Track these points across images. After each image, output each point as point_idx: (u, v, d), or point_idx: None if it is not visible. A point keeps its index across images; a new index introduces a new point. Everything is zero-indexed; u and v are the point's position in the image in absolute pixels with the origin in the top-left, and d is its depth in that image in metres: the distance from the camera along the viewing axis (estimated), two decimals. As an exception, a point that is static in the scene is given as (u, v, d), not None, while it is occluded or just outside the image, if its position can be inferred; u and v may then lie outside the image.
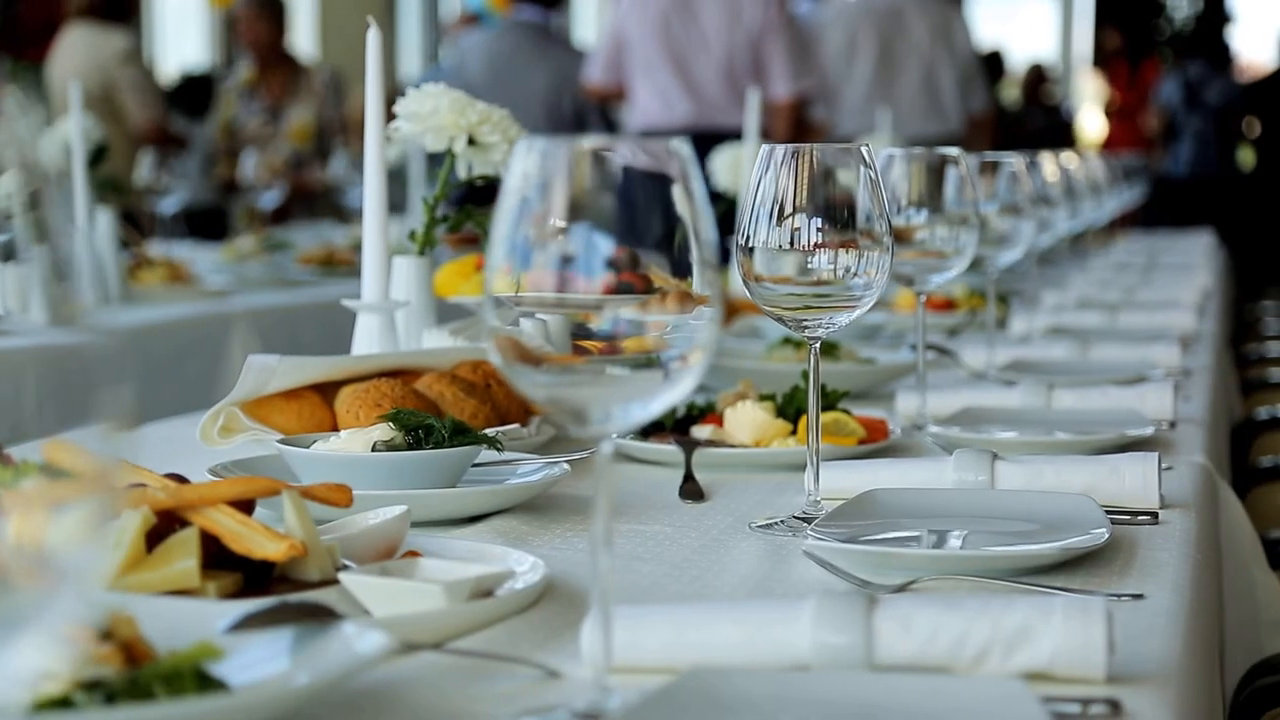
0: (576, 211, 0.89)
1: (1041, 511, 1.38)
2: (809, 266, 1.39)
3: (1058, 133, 12.68)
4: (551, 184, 0.88)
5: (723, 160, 3.51)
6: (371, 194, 1.78)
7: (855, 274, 1.40)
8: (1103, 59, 15.20)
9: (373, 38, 1.78)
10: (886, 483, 1.49)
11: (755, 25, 5.97)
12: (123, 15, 6.55)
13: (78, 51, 6.27)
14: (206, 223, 6.33)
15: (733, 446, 1.72)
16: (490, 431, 1.61)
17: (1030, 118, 13.17)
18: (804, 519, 1.40)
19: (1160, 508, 1.45)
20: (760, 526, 1.41)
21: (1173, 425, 1.91)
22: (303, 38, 12.79)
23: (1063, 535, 1.30)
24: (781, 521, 1.42)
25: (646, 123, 5.97)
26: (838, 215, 1.39)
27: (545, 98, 6.33)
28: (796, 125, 6.26)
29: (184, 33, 11.38)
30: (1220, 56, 13.01)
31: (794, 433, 1.73)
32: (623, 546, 1.34)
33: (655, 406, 0.90)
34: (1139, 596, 1.17)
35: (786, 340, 2.32)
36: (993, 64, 13.38)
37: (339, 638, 0.90)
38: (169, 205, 4.69)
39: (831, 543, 1.25)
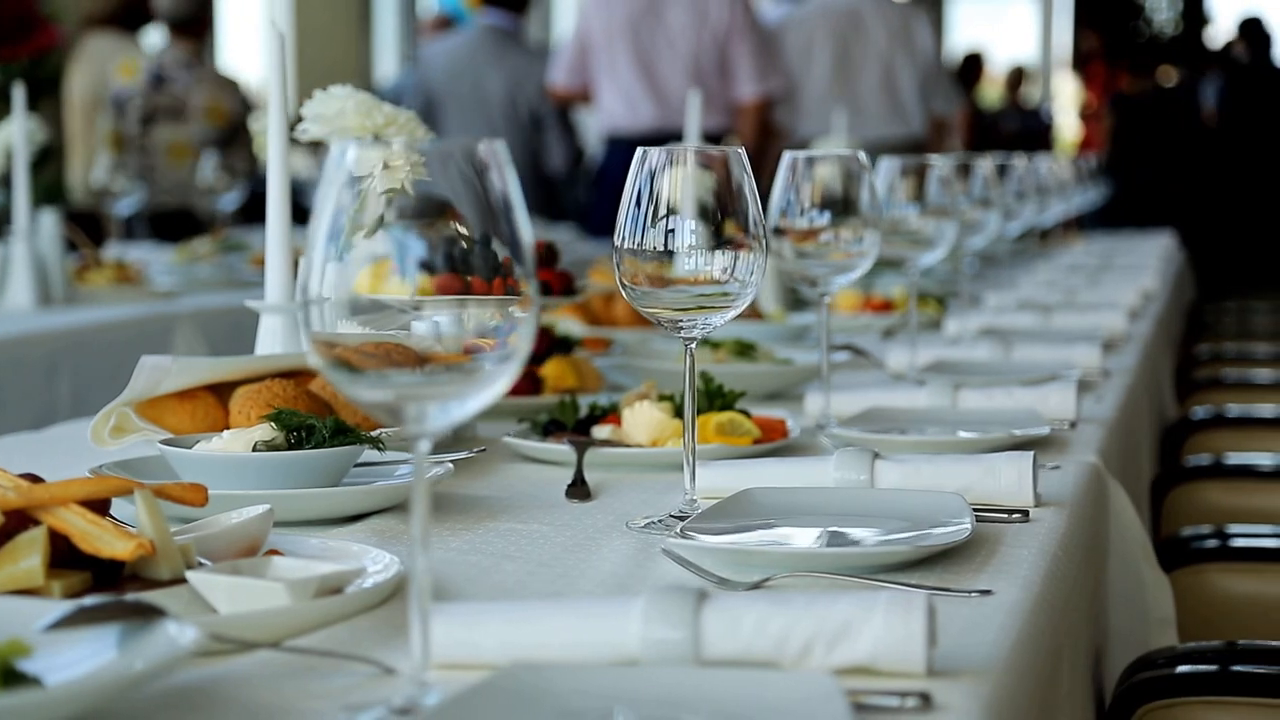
0: (393, 213, 0.90)
1: (912, 510, 1.40)
2: (684, 268, 1.40)
3: (1035, 135, 12.73)
4: (360, 184, 0.90)
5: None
6: (275, 197, 1.80)
7: (732, 275, 1.41)
8: (1081, 61, 15.27)
9: (275, 41, 1.79)
10: (767, 481, 1.51)
11: (722, 26, 5.99)
12: (136, 24, 6.54)
13: (93, 60, 6.28)
14: (175, 225, 6.33)
15: (629, 446, 1.74)
16: (379, 432, 1.63)
17: (1006, 120, 13.22)
18: (679, 517, 1.42)
19: (1035, 506, 1.48)
20: (637, 525, 1.43)
21: (1073, 425, 1.93)
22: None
23: (927, 533, 1.32)
24: (659, 520, 1.44)
25: (611, 125, 5.99)
26: (712, 218, 1.40)
27: (502, 101, 6.34)
28: (761, 126, 6.29)
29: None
30: (1199, 59, 13.08)
31: (690, 433, 1.75)
32: (495, 545, 1.36)
33: (471, 406, 0.92)
34: (987, 592, 1.19)
35: (705, 341, 2.33)
36: (971, 66, 13.44)
37: (161, 635, 0.91)
38: (125, 207, 4.70)
39: (690, 540, 1.27)
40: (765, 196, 2.14)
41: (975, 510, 1.43)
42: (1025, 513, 1.44)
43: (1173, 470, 2.58)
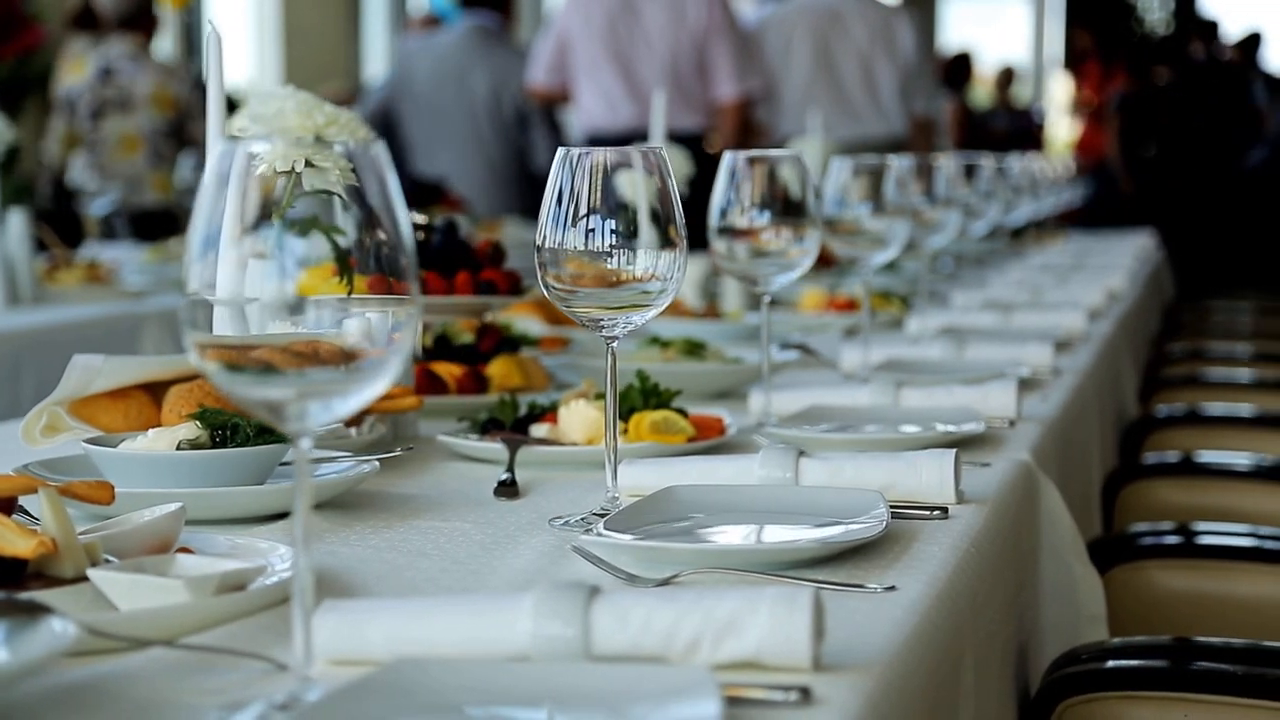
0: (267, 213, 0.91)
1: (832, 507, 1.41)
2: (604, 268, 1.41)
3: (1025, 134, 12.74)
4: (242, 184, 0.91)
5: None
6: (238, 187, 1.80)
7: (653, 275, 1.42)
8: (1073, 61, 15.28)
9: (213, 41, 1.80)
10: (692, 479, 1.52)
11: (700, 26, 6.00)
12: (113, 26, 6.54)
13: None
14: (156, 224, 6.34)
15: (565, 445, 1.75)
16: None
17: (996, 119, 13.24)
18: (600, 515, 1.43)
19: (957, 503, 1.49)
20: (558, 523, 1.44)
21: (1012, 424, 1.94)
22: (267, 39, 12.81)
23: (839, 529, 1.33)
24: (580, 518, 1.45)
25: (590, 125, 5.99)
26: (632, 217, 1.41)
27: (487, 101, 6.35)
28: (742, 126, 6.30)
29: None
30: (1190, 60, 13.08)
31: (625, 431, 1.76)
32: (414, 543, 1.37)
33: (352, 403, 0.93)
34: (892, 588, 1.20)
35: (654, 340, 2.35)
36: (961, 65, 13.45)
37: (43, 633, 0.92)
38: (100, 206, 4.71)
39: (600, 538, 1.28)
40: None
41: (898, 507, 1.45)
42: (945, 510, 1.45)
43: (1126, 468, 2.59)
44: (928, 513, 1.44)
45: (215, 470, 1.40)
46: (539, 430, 1.79)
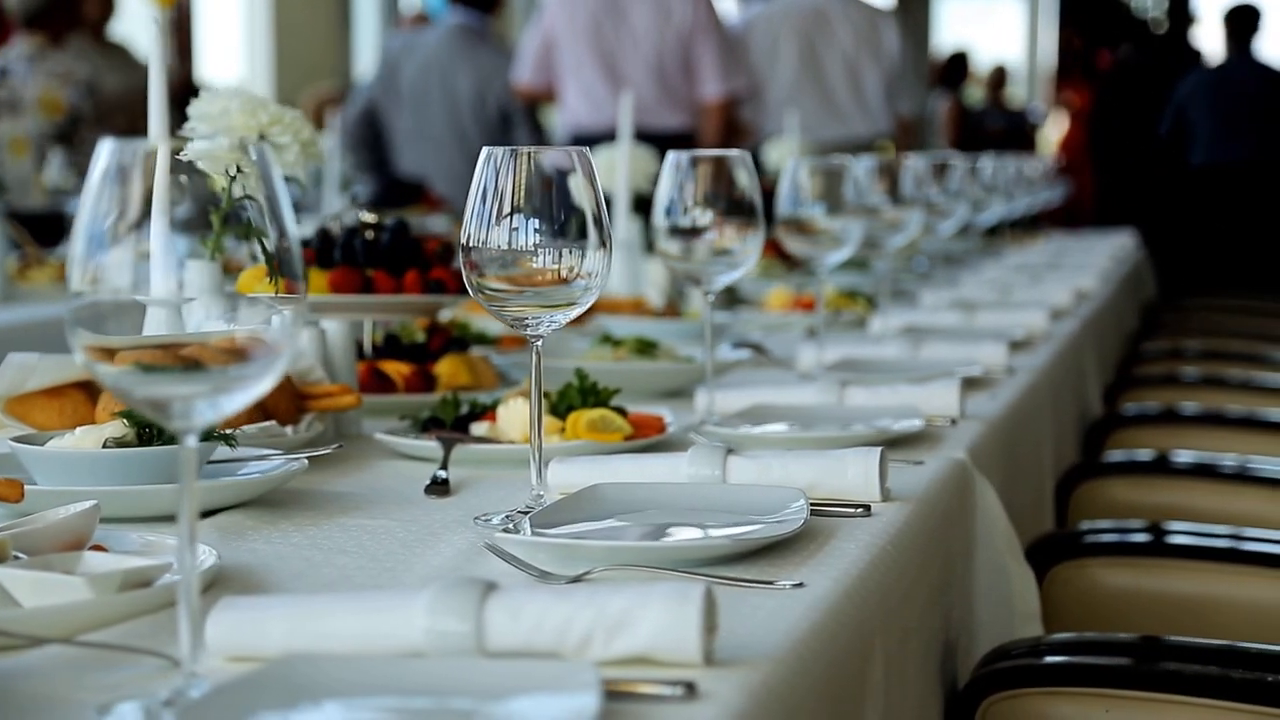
0: (150, 211, 0.92)
1: (755, 504, 1.42)
2: (528, 267, 1.42)
3: (1019, 134, 12.76)
4: (125, 183, 0.92)
5: (598, 162, 3.54)
6: (159, 194, 1.81)
7: (577, 274, 1.43)
8: (1065, 62, 15.29)
9: (155, 36, 1.81)
10: (621, 477, 1.53)
11: (685, 25, 6.01)
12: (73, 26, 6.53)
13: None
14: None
15: (503, 443, 1.76)
16: (252, 428, 1.65)
17: (989, 119, 13.25)
18: (525, 513, 1.44)
19: (882, 501, 1.50)
20: (483, 521, 1.45)
21: (954, 422, 1.95)
22: (257, 38, 12.81)
23: (756, 527, 1.34)
24: (505, 516, 1.46)
25: (575, 124, 6.00)
26: (555, 216, 1.42)
27: (471, 99, 6.36)
28: (727, 126, 6.32)
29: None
30: (1186, 58, 13.09)
31: (563, 429, 1.77)
32: (337, 540, 1.38)
33: (239, 400, 0.94)
34: (800, 585, 1.21)
35: (606, 338, 2.36)
36: (957, 65, 13.47)
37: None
38: (75, 205, 4.70)
39: (513, 536, 1.29)
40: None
41: (821, 505, 1.46)
42: (868, 507, 1.46)
43: (1081, 466, 2.60)
44: (850, 510, 1.45)
45: (136, 468, 1.41)
46: (479, 429, 1.80)
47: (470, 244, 1.42)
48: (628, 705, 0.95)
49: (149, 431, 1.45)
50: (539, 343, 1.46)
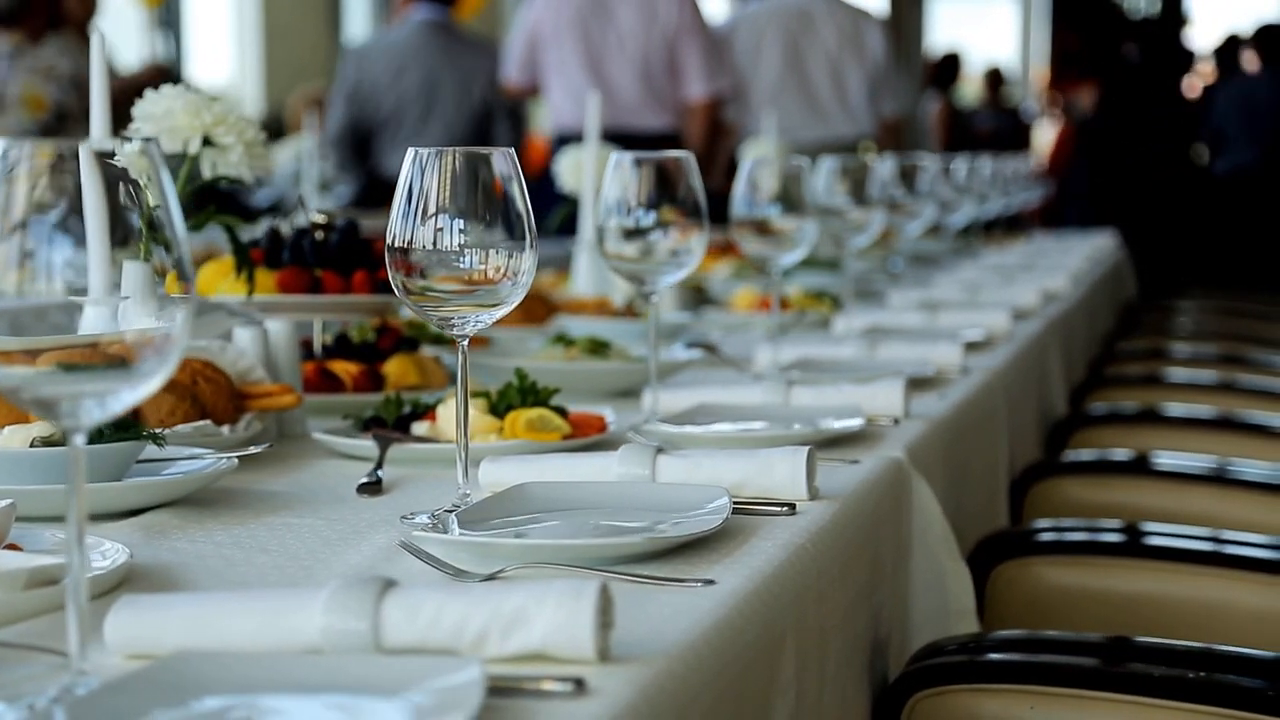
0: (34, 210, 0.93)
1: (679, 503, 1.43)
2: (452, 267, 1.43)
3: (1011, 134, 12.77)
4: (11, 183, 0.93)
5: (567, 162, 3.55)
6: (91, 194, 1.82)
7: (503, 274, 1.44)
8: (1058, 62, 15.31)
9: (96, 42, 1.82)
10: (551, 476, 1.54)
11: (671, 26, 6.02)
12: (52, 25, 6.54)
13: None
14: None
15: (442, 442, 1.76)
16: (186, 427, 1.66)
17: (981, 119, 13.26)
18: (451, 511, 1.45)
19: (810, 500, 1.50)
20: (410, 520, 1.46)
21: (897, 421, 1.96)
22: (246, 39, 12.82)
23: (673, 525, 1.35)
24: (432, 515, 1.46)
25: (560, 124, 6.01)
26: (481, 216, 1.43)
27: (456, 93, 6.35)
28: (711, 126, 6.32)
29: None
30: (1180, 58, 13.12)
31: (501, 429, 1.77)
32: (260, 539, 1.38)
33: (127, 399, 0.95)
34: (710, 582, 1.21)
35: (559, 338, 2.36)
36: (950, 66, 13.49)
37: None
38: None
39: (429, 534, 1.30)
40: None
41: (747, 504, 1.47)
42: (793, 506, 1.47)
43: (1037, 466, 2.61)
44: (775, 509, 1.46)
45: (61, 467, 1.42)
46: (420, 428, 1.80)
47: (396, 244, 1.42)
48: (516, 701, 0.95)
49: (77, 431, 1.46)
50: (465, 342, 1.47)
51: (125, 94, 2.39)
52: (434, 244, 1.42)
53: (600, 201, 1.94)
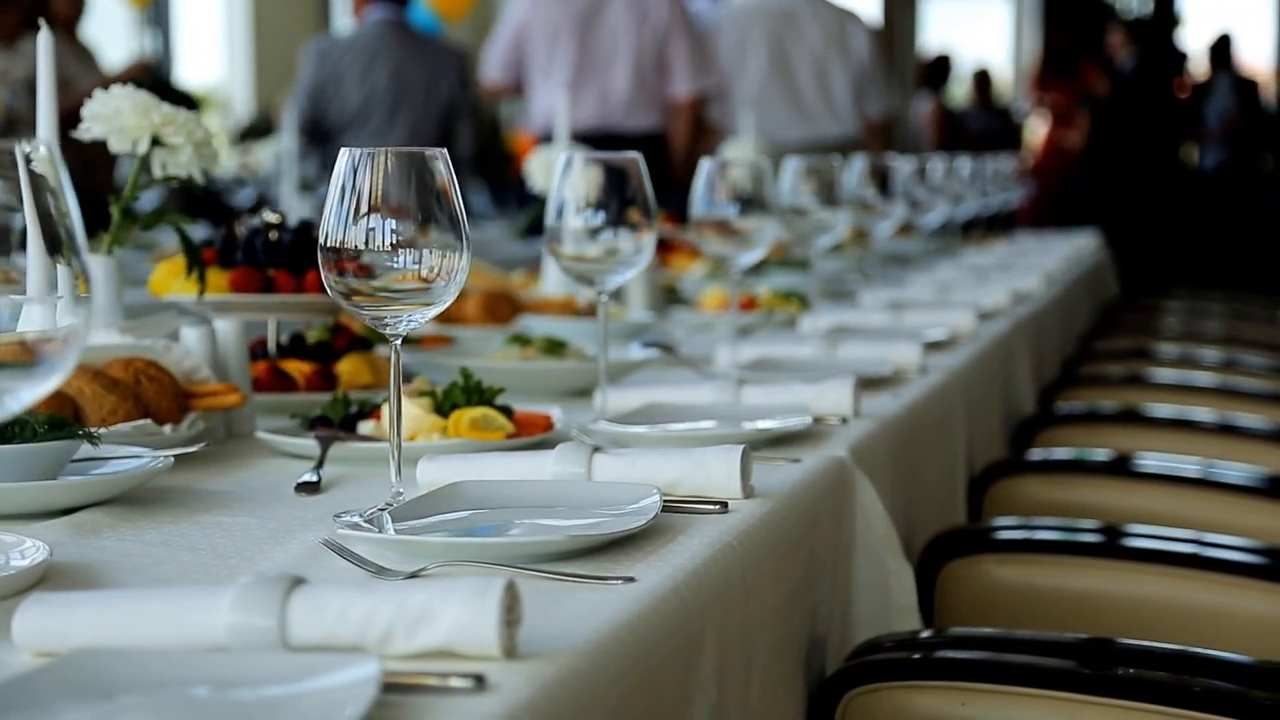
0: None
1: (610, 501, 1.43)
2: (385, 267, 1.43)
3: (1001, 135, 12.78)
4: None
5: (537, 162, 3.56)
6: (28, 194, 1.82)
7: (437, 273, 1.44)
8: (1048, 62, 15.32)
9: (44, 42, 1.82)
10: (486, 474, 1.54)
11: (661, 24, 6.03)
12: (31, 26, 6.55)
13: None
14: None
15: (385, 441, 1.77)
16: (125, 427, 1.66)
17: (971, 120, 13.28)
18: (384, 510, 1.45)
19: (744, 498, 1.51)
20: (343, 518, 1.46)
21: (845, 421, 1.96)
22: (236, 38, 12.83)
23: (596, 523, 1.36)
24: (365, 514, 1.47)
25: (549, 124, 6.00)
26: (414, 216, 1.43)
27: (425, 90, 6.33)
28: (696, 125, 6.33)
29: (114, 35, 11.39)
30: (1172, 59, 13.14)
31: (445, 428, 1.78)
32: (190, 537, 1.39)
33: (25, 398, 0.95)
34: (630, 580, 1.22)
35: (515, 338, 2.37)
36: (941, 67, 13.50)
37: None
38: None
39: (352, 532, 1.30)
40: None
41: (679, 502, 1.47)
42: (724, 504, 1.47)
43: (997, 465, 2.62)
44: (708, 507, 1.47)
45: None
46: (365, 427, 1.81)
47: (328, 244, 1.43)
48: (415, 698, 0.96)
49: (10, 429, 1.46)
50: (398, 341, 1.48)
51: None
52: (366, 244, 1.43)
53: (550, 201, 1.95)
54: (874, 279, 4.18)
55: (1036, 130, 14.47)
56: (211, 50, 12.93)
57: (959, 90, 14.30)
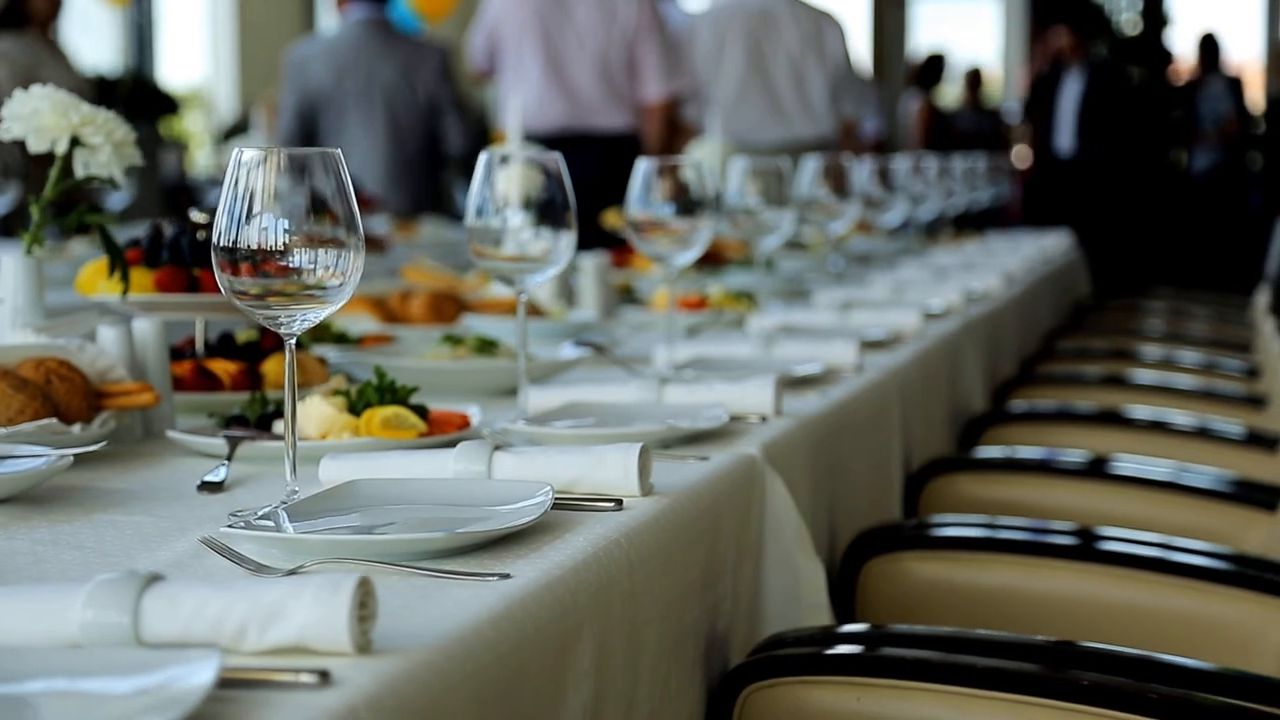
0: None
1: (503, 499, 1.44)
2: (279, 266, 1.44)
3: (991, 135, 12.80)
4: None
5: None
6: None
7: (332, 272, 1.45)
8: (1038, 61, 15.33)
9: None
10: (387, 472, 1.55)
11: (630, 26, 6.03)
12: (18, 24, 6.55)
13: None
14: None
15: (301, 440, 1.78)
16: (29, 426, 1.67)
17: (960, 120, 13.29)
18: (280, 508, 1.46)
19: (641, 495, 1.52)
20: (237, 517, 1.47)
21: (764, 419, 1.97)
22: (221, 38, 12.83)
23: (490, 520, 1.37)
24: (259, 512, 1.48)
25: (522, 123, 6.00)
26: (306, 216, 1.44)
27: (401, 90, 6.33)
28: (669, 126, 6.34)
29: (95, 35, 11.41)
30: (1160, 59, 13.18)
31: (357, 427, 1.79)
32: (80, 536, 1.40)
33: None
34: (506, 576, 1.23)
35: (447, 338, 2.38)
36: (933, 66, 13.51)
37: None
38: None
39: (230, 531, 1.31)
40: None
41: (574, 499, 1.48)
42: (619, 501, 1.48)
43: (935, 463, 2.63)
44: (602, 505, 1.48)
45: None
46: (280, 426, 1.82)
47: (221, 243, 1.44)
48: (256, 693, 0.97)
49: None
50: (292, 341, 1.48)
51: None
52: (259, 244, 1.43)
53: (469, 200, 1.96)
54: (840, 278, 4.20)
55: (1027, 131, 14.50)
56: (196, 50, 12.93)
57: (951, 90, 14.32)
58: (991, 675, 1.46)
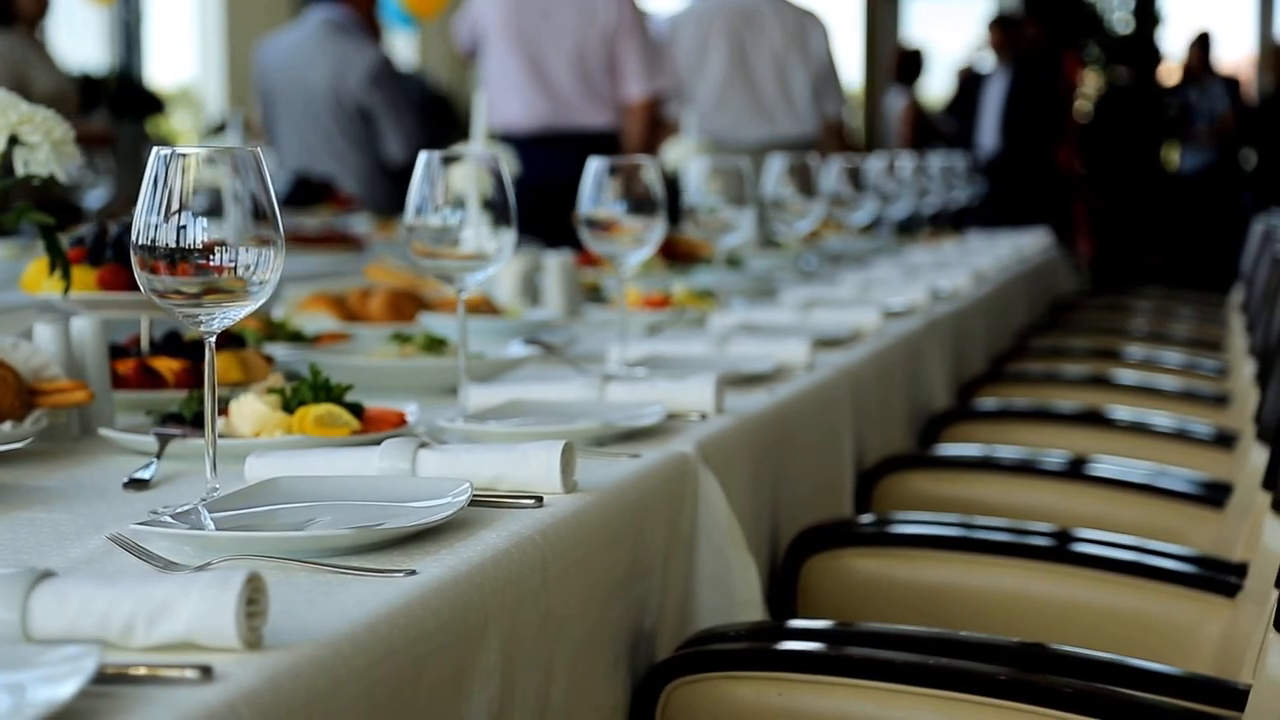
0: None
1: (424, 496, 1.44)
2: (198, 264, 1.44)
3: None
4: None
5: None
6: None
7: (252, 270, 1.45)
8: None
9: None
10: (310, 470, 1.55)
11: (610, 25, 6.03)
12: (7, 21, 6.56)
13: None
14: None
15: (233, 438, 1.78)
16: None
17: (944, 120, 13.30)
18: (198, 506, 1.46)
19: (565, 492, 1.52)
20: (158, 515, 1.47)
21: (704, 417, 1.98)
22: (209, 38, 12.83)
23: (403, 517, 1.37)
24: (179, 510, 1.48)
25: (504, 122, 6.00)
26: (225, 213, 1.44)
27: (325, 96, 6.26)
28: (651, 125, 6.34)
29: (81, 34, 11.40)
30: (1151, 59, 13.19)
31: (290, 425, 1.79)
32: (-3, 533, 1.40)
33: None
34: (412, 572, 1.23)
35: (395, 336, 2.38)
36: (913, 63, 13.51)
37: None
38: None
39: (142, 528, 1.31)
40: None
41: (494, 497, 1.49)
42: (539, 499, 1.49)
43: (888, 460, 2.63)
44: (521, 502, 1.48)
45: None
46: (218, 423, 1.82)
47: (140, 242, 1.44)
48: (137, 689, 0.97)
49: None
50: (212, 340, 1.49)
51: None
52: (177, 241, 1.44)
53: (409, 199, 1.96)
54: (811, 277, 4.20)
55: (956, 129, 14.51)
56: (184, 49, 12.93)
57: (939, 88, 14.32)
58: (911, 670, 1.46)
